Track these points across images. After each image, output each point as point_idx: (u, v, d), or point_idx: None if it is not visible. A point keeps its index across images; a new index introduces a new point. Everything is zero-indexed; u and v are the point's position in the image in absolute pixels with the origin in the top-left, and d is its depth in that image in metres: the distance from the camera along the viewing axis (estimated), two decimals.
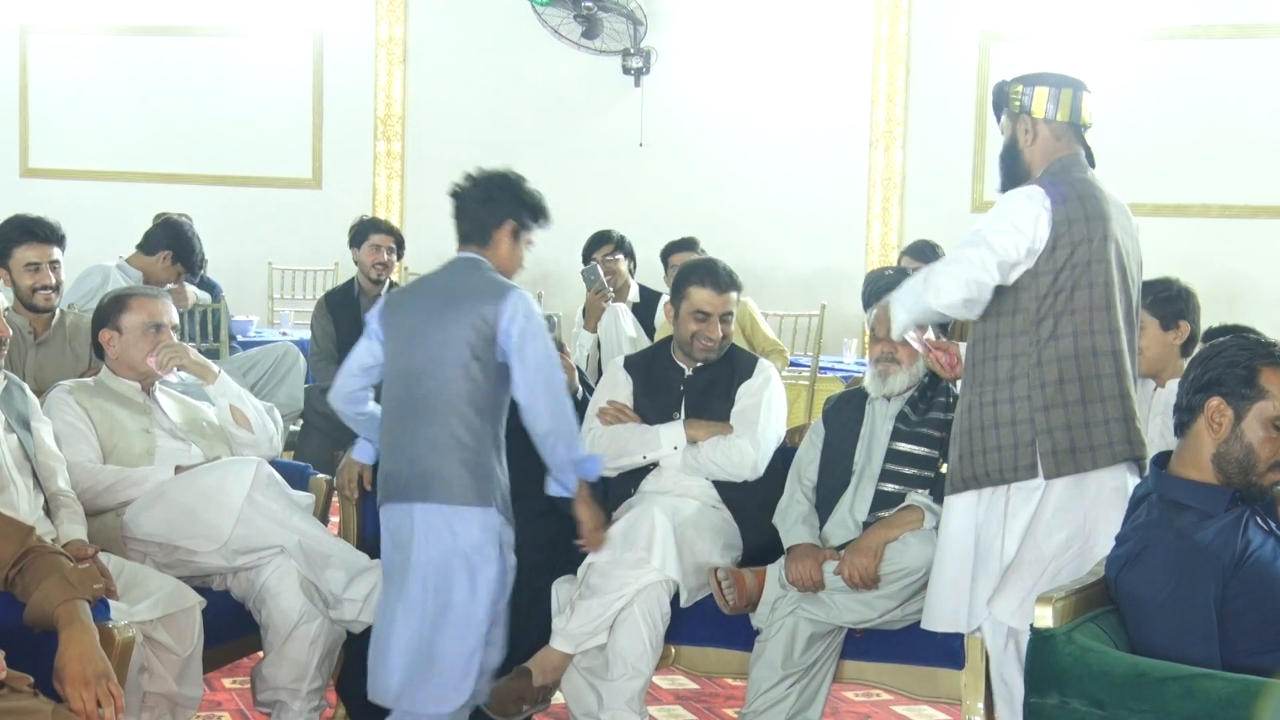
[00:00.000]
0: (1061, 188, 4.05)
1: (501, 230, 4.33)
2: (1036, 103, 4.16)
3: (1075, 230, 4.01)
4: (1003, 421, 4.05)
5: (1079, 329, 4.02)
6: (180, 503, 4.48)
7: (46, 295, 5.47)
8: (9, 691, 3.18)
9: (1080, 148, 4.20)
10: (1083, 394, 4.00)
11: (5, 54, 11.68)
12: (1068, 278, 4.01)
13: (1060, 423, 4.00)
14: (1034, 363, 4.03)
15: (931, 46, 10.54)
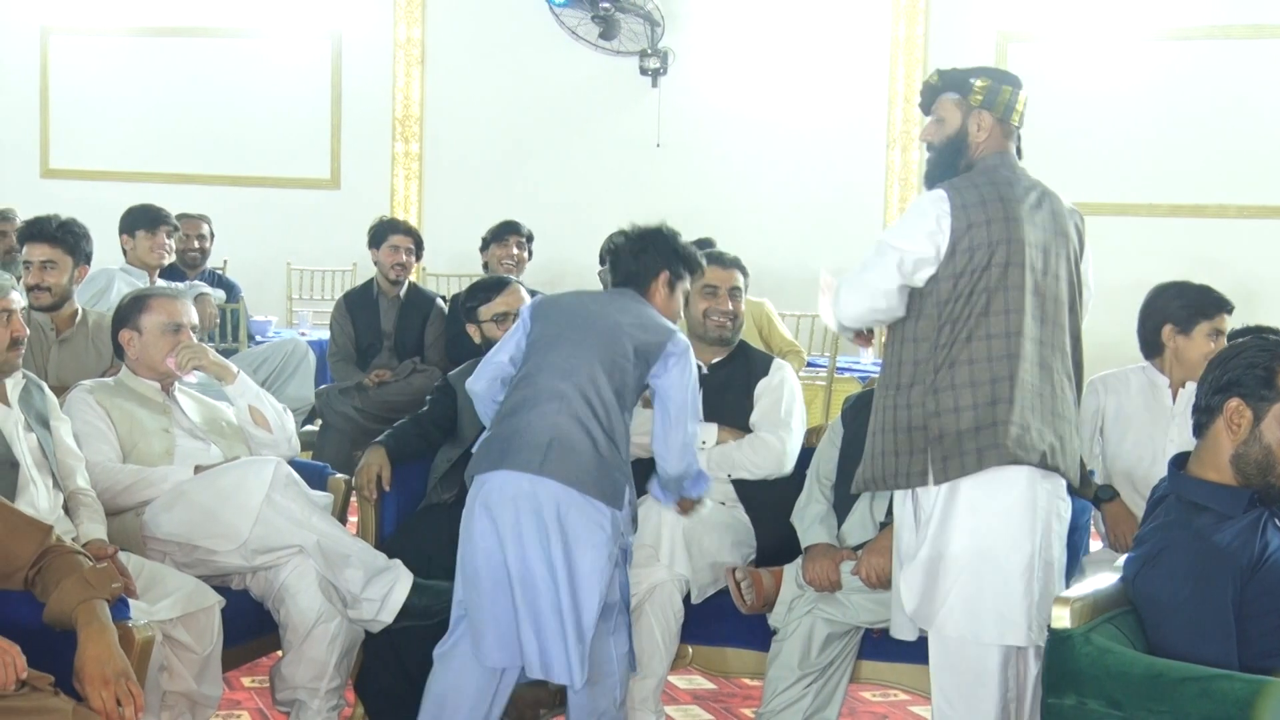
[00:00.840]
0: (970, 191, 4.02)
1: (657, 281, 4.41)
2: (1000, 100, 4.13)
3: (975, 234, 3.96)
4: (900, 426, 4.04)
5: (974, 334, 3.97)
6: (199, 502, 4.49)
7: (37, 295, 5.48)
8: (30, 690, 3.20)
9: (1011, 143, 4.18)
10: (967, 400, 3.96)
11: (26, 55, 11.73)
12: (967, 283, 3.97)
13: (951, 429, 3.97)
14: (932, 368, 4.01)
15: (949, 47, 10.52)
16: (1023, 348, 3.96)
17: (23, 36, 11.73)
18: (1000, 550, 3.96)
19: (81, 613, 3.38)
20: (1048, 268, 4.03)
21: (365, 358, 7.64)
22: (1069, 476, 4.05)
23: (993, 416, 3.94)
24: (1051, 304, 4.03)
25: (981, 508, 3.98)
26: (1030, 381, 3.97)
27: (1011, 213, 3.99)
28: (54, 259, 5.53)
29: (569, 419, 4.17)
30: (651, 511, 4.59)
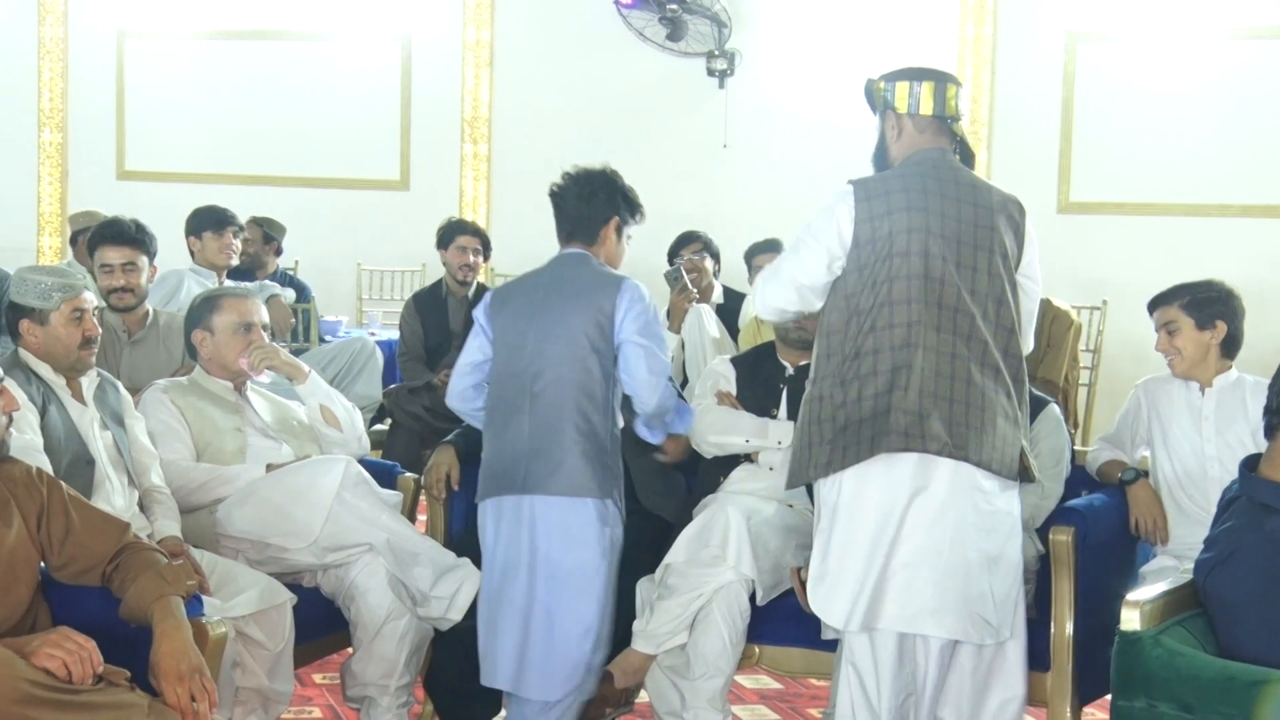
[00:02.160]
0: (876, 184, 4.04)
1: (607, 227, 4.46)
2: (899, 98, 4.13)
3: (877, 226, 3.98)
4: (813, 419, 4.06)
5: (877, 324, 3.98)
6: (271, 501, 4.53)
7: (119, 296, 5.55)
8: (107, 685, 3.24)
9: (946, 139, 4.15)
10: (875, 388, 3.96)
11: (103, 59, 11.86)
12: (869, 274, 3.99)
13: (855, 417, 3.97)
14: (840, 359, 4.02)
15: (1017, 48, 10.46)
16: (924, 337, 3.95)
17: (100, 41, 11.86)
18: (887, 538, 3.96)
19: (157, 608, 3.42)
20: (961, 259, 4.00)
21: (434, 357, 7.69)
22: (990, 467, 3.99)
23: (888, 404, 3.94)
24: (961, 295, 3.99)
25: (873, 494, 3.98)
26: (930, 370, 3.95)
27: (914, 203, 3.99)
28: (134, 260, 5.60)
29: (543, 423, 4.27)
30: (719, 514, 4.59)
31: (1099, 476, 4.87)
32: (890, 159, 4.18)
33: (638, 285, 4.33)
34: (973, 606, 3.98)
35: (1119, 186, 10.27)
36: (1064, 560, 4.39)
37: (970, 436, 3.96)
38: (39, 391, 4.39)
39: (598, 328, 4.26)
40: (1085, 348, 8.74)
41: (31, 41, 11.88)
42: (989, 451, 3.98)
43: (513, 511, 4.30)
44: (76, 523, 3.57)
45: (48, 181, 11.96)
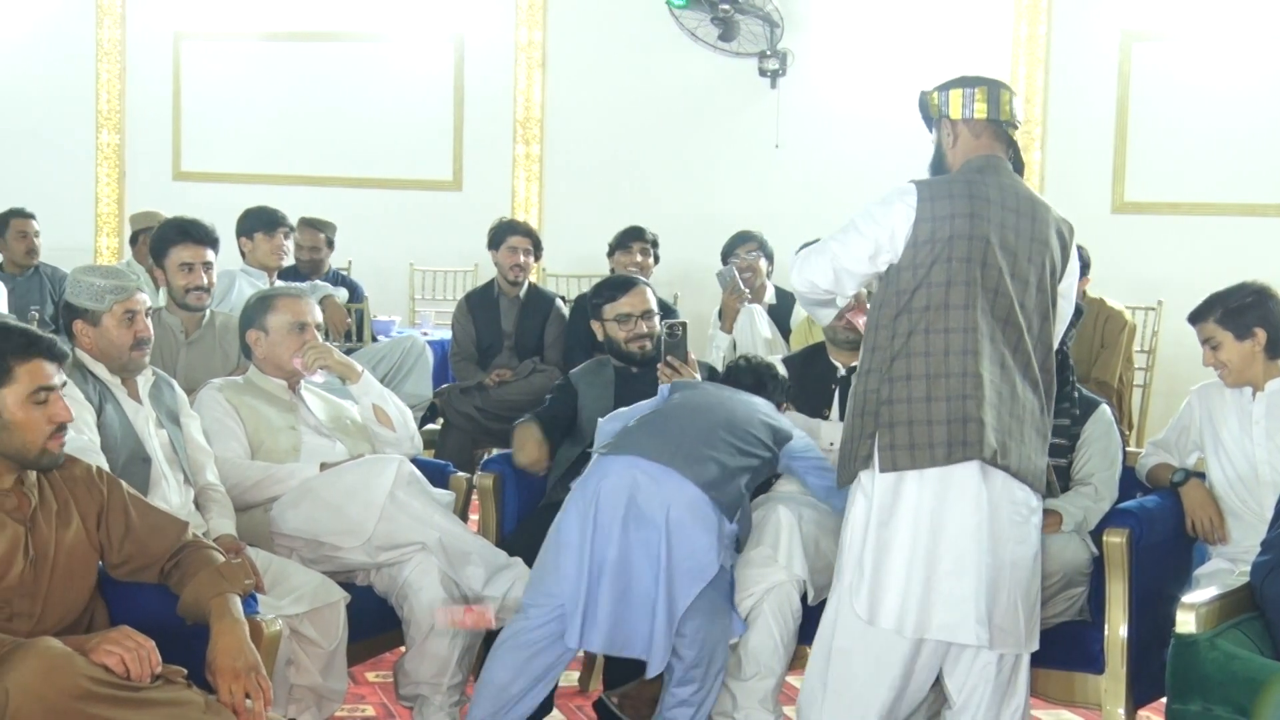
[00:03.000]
0: (939, 186, 4.04)
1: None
2: (953, 105, 4.14)
3: (938, 228, 3.97)
4: (857, 411, 4.07)
5: (931, 326, 3.97)
6: (325, 499, 4.56)
7: (198, 295, 5.59)
8: (164, 683, 3.27)
9: (1001, 146, 4.16)
10: (928, 391, 3.95)
11: (160, 61, 11.94)
12: (924, 274, 3.98)
13: (902, 418, 3.96)
14: (888, 356, 4.01)
15: (1072, 46, 10.40)
16: (981, 345, 3.95)
17: (156, 43, 11.94)
18: (941, 546, 3.96)
19: (215, 606, 3.45)
20: (1015, 270, 4.00)
21: (486, 357, 7.72)
22: (1024, 479, 3.99)
23: (945, 413, 3.93)
24: (1014, 307, 3.99)
25: (926, 501, 3.97)
26: (990, 380, 3.95)
27: (977, 210, 3.98)
28: (210, 260, 5.66)
29: (707, 427, 4.41)
30: (770, 514, 4.60)
31: (1148, 481, 4.85)
32: (948, 166, 4.18)
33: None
34: (1008, 617, 3.99)
35: (1174, 186, 10.19)
36: (1118, 563, 4.37)
37: (1012, 447, 3.97)
38: (95, 390, 4.42)
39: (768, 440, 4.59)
40: (1140, 348, 8.69)
41: (90, 43, 11.98)
42: (1025, 463, 3.99)
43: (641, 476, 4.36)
44: (136, 521, 3.60)
45: (105, 182, 12.06)
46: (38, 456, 3.44)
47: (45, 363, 3.46)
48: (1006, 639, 4.01)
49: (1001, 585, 3.98)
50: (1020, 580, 4.01)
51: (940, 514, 3.96)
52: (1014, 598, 3.99)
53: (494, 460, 5.17)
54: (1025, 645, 4.06)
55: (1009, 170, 4.14)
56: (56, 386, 3.47)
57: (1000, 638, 3.99)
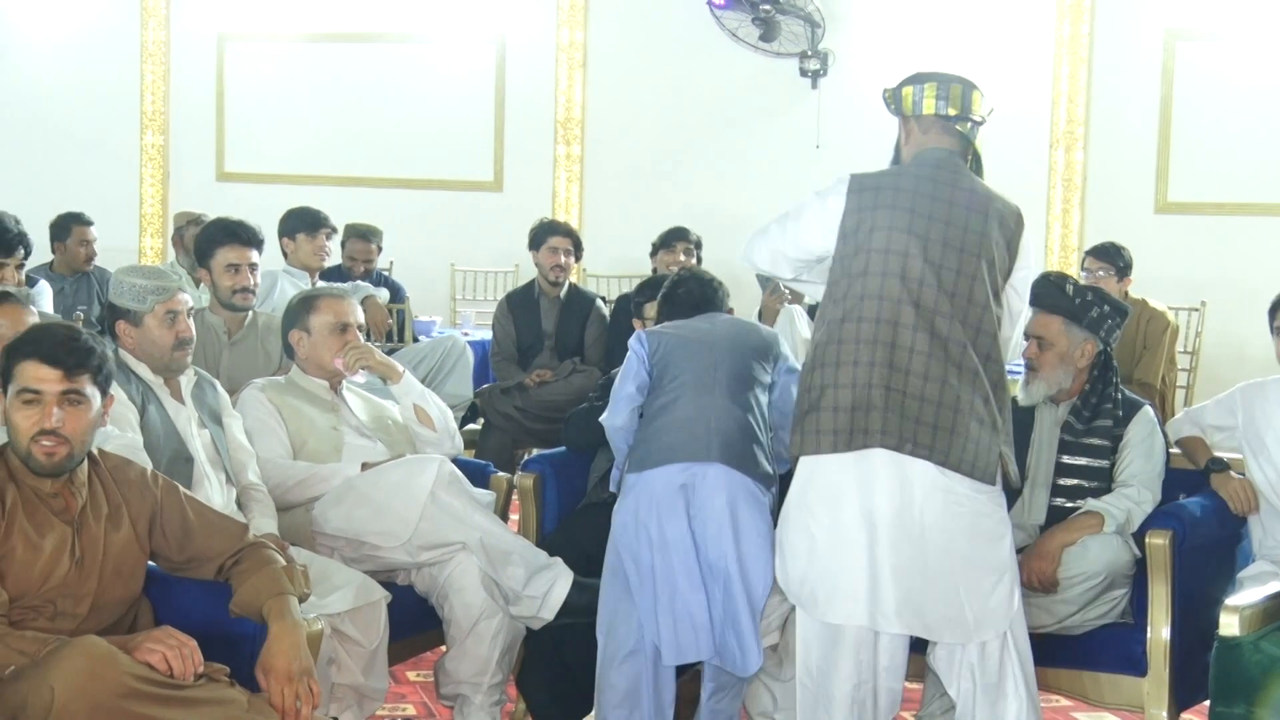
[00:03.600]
0: (867, 179, 4.09)
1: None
2: (905, 101, 4.18)
3: (862, 219, 4.01)
4: (799, 403, 4.10)
5: (849, 315, 3.99)
6: (366, 499, 4.57)
7: (244, 296, 5.61)
8: (207, 681, 3.29)
9: (952, 140, 4.16)
10: (839, 379, 3.97)
11: (204, 62, 12.02)
12: (848, 265, 4.02)
13: (822, 404, 3.98)
14: (820, 346, 4.04)
15: (1115, 46, 10.35)
16: (896, 335, 3.94)
17: (200, 45, 12.01)
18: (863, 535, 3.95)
19: (274, 606, 3.45)
20: (945, 262, 3.98)
21: (526, 357, 7.73)
22: (959, 469, 3.95)
23: (851, 399, 3.94)
24: (941, 298, 3.96)
25: (821, 485, 4.00)
26: (908, 368, 3.94)
27: (902, 202, 4.00)
28: (255, 261, 5.68)
29: (722, 406, 4.39)
30: None
31: (1178, 445, 4.82)
32: (901, 161, 4.23)
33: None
34: (948, 607, 3.96)
35: (1218, 186, 10.14)
36: (1161, 564, 4.35)
37: (939, 438, 3.93)
38: (138, 391, 4.45)
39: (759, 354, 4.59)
40: (1183, 349, 8.64)
41: (134, 46, 12.06)
42: (958, 453, 3.94)
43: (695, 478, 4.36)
44: (194, 523, 3.61)
45: (150, 183, 12.15)
46: (26, 457, 3.42)
47: (39, 365, 3.42)
48: (945, 630, 3.98)
49: (934, 575, 3.95)
50: (957, 570, 3.96)
51: (858, 505, 3.96)
52: (951, 587, 3.95)
53: (534, 460, 5.17)
54: (974, 635, 3.99)
55: (954, 163, 4.13)
56: (46, 391, 3.42)
57: (942, 628, 3.97)
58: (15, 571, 3.37)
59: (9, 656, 3.21)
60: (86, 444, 3.51)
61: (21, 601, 3.37)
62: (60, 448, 3.41)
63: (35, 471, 3.44)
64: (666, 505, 4.32)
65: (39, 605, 3.40)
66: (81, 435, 3.46)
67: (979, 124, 4.18)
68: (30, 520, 3.41)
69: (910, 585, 3.94)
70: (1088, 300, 4.61)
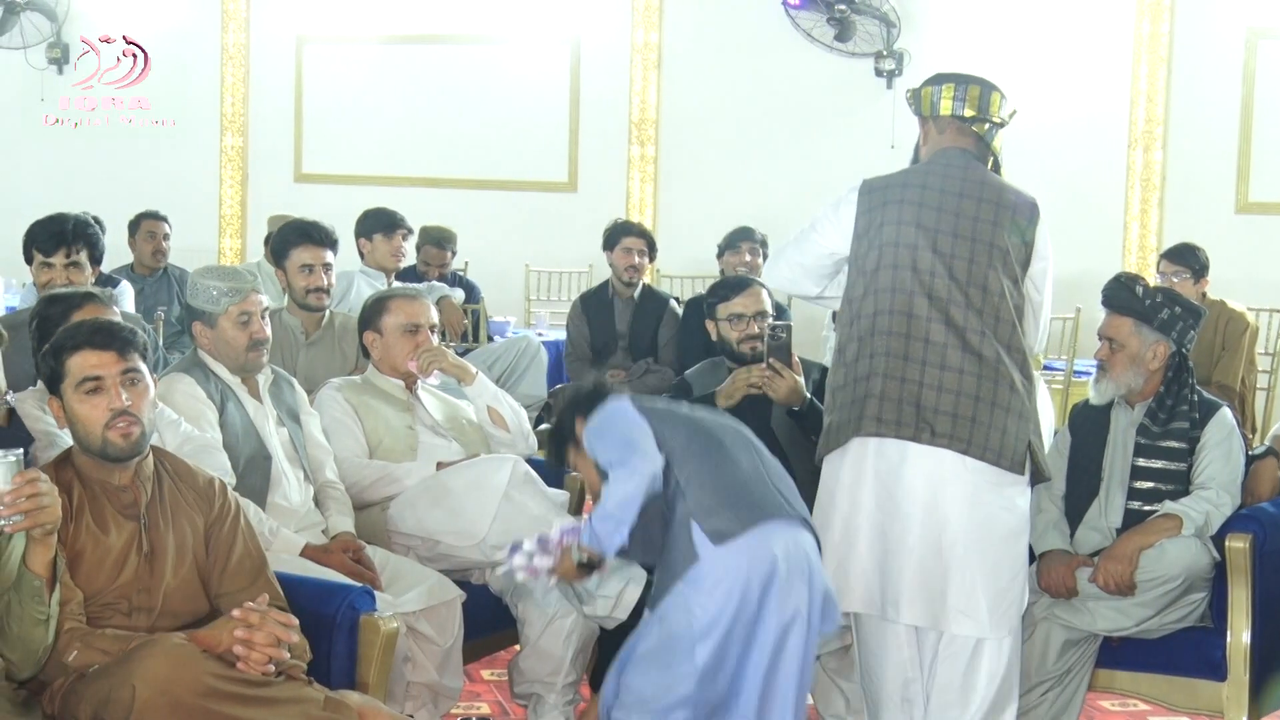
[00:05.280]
0: (877, 180, 4.16)
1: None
2: (924, 102, 4.23)
3: (872, 218, 4.10)
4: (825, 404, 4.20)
5: (862, 311, 4.07)
6: (441, 499, 4.58)
7: (318, 296, 5.65)
8: (286, 679, 3.32)
9: (969, 141, 4.20)
10: (856, 373, 4.05)
11: (283, 64, 12.11)
12: (861, 263, 4.10)
13: (840, 400, 4.08)
14: (840, 342, 4.14)
15: (1195, 44, 10.24)
16: (910, 326, 4.00)
17: (279, 47, 12.11)
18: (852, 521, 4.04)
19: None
20: (956, 252, 4.03)
21: (600, 358, 7.75)
22: (984, 458, 3.99)
23: (864, 391, 4.03)
24: (954, 288, 4.02)
25: (840, 479, 4.09)
26: (924, 358, 3.99)
27: (910, 196, 4.07)
28: (329, 262, 5.73)
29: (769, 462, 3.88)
30: None
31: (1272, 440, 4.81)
32: (919, 161, 4.28)
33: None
34: (963, 600, 4.00)
35: None
36: (1241, 568, 4.31)
37: (959, 426, 3.98)
38: (217, 390, 4.49)
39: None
40: (1263, 350, 8.54)
41: (215, 48, 12.19)
42: (981, 441, 3.99)
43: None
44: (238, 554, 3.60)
45: (229, 184, 12.27)
46: (102, 447, 3.44)
47: (91, 352, 3.45)
48: (959, 622, 4.03)
49: (951, 566, 4.00)
50: (974, 562, 4.00)
51: (858, 492, 4.06)
52: (969, 579, 4.00)
53: None
54: (990, 629, 4.04)
55: (966, 160, 4.17)
56: (107, 375, 3.44)
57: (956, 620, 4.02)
58: (86, 570, 3.41)
59: (91, 656, 3.26)
60: (153, 423, 3.54)
61: (96, 599, 3.41)
62: (134, 427, 3.44)
63: (114, 458, 3.46)
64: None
65: (114, 602, 3.44)
66: (148, 413, 3.49)
67: (998, 125, 4.23)
68: (97, 520, 3.45)
69: (925, 576, 4.00)
70: (1158, 302, 4.56)
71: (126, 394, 3.43)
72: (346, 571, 4.16)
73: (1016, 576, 4.08)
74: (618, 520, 3.68)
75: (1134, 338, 4.56)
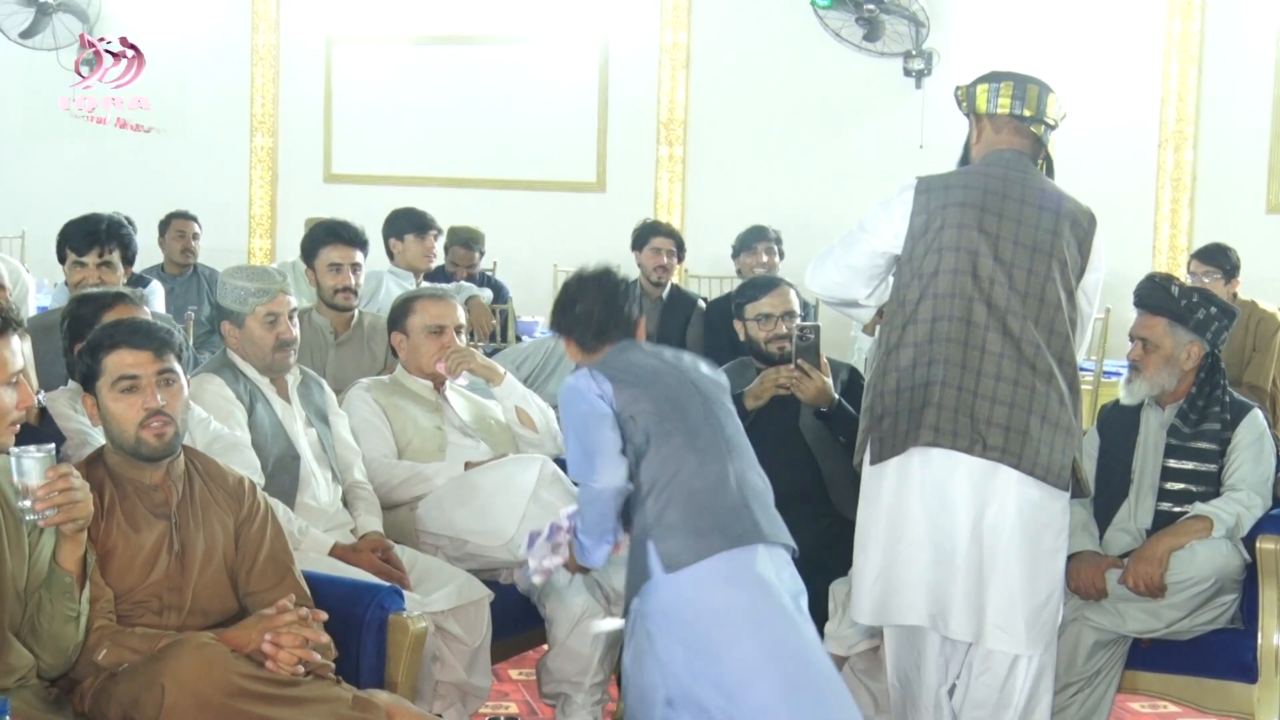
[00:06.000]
0: (935, 179, 4.05)
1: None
2: (979, 100, 4.13)
3: (931, 219, 4.00)
4: (864, 406, 4.09)
5: (918, 316, 3.98)
6: (469, 499, 4.60)
7: (345, 295, 5.68)
8: (314, 679, 3.34)
9: (1025, 142, 4.11)
10: (913, 380, 3.96)
11: (312, 65, 12.13)
12: (919, 266, 3.99)
13: (891, 408, 3.98)
14: (885, 349, 4.03)
15: (1226, 44, 10.19)
16: (969, 334, 3.93)
17: (309, 48, 12.13)
18: (900, 531, 3.98)
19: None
20: (1016, 260, 3.96)
21: None
22: (1033, 473, 3.94)
23: (923, 399, 3.95)
24: (1013, 297, 3.96)
25: (884, 486, 4.00)
26: (973, 368, 3.93)
27: (972, 199, 3.98)
28: (358, 261, 5.75)
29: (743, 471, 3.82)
30: None
31: None
32: (971, 160, 4.20)
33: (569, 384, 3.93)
34: (1003, 616, 3.97)
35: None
36: (1272, 570, 4.30)
37: (1011, 440, 3.92)
38: (245, 390, 4.51)
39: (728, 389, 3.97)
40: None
41: (245, 49, 12.22)
42: (1031, 457, 3.93)
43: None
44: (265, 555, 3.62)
45: (259, 185, 12.30)
46: (135, 445, 3.46)
47: (128, 351, 3.47)
48: (997, 637, 3.98)
49: (993, 581, 3.95)
50: (1017, 577, 3.96)
51: (908, 503, 3.99)
52: (1009, 594, 3.96)
53: None
54: (1026, 646, 3.99)
55: (1025, 164, 4.10)
56: (143, 375, 3.47)
57: (995, 635, 3.98)
58: (117, 569, 3.43)
59: (120, 655, 3.28)
60: (185, 424, 3.57)
61: (127, 598, 3.43)
62: (168, 427, 3.47)
63: (147, 457, 3.48)
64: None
65: (144, 600, 3.46)
66: (181, 414, 3.53)
67: (1052, 127, 4.14)
68: (128, 519, 3.47)
69: (971, 589, 3.96)
70: (1193, 302, 4.54)
71: (161, 394, 3.46)
72: (375, 571, 4.17)
73: (1054, 594, 4.04)
74: (596, 538, 3.78)
75: (1168, 338, 4.53)
